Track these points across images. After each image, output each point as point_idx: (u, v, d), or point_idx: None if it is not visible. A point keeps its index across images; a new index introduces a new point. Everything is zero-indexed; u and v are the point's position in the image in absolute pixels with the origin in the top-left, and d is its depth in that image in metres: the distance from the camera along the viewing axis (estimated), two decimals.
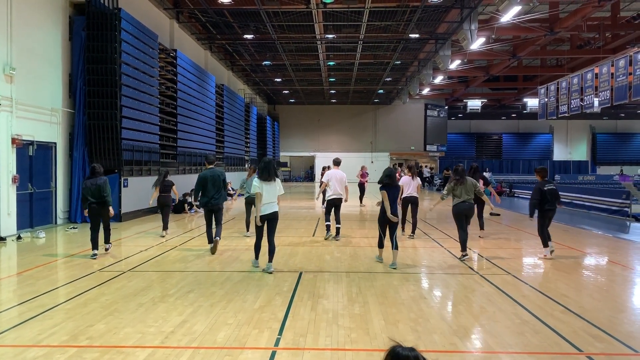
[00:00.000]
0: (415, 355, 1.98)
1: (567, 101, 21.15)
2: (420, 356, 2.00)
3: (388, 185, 8.32)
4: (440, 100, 45.19)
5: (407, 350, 2.00)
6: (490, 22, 20.62)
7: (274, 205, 7.77)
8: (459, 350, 4.65)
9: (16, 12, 11.52)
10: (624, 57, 16.54)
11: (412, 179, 11.21)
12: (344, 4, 18.68)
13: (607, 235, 12.38)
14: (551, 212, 9.11)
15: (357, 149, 45.21)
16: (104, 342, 4.73)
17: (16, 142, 11.48)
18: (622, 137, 51.34)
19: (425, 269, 8.33)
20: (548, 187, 9.01)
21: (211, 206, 9.32)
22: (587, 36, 24.49)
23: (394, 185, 8.39)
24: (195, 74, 21.68)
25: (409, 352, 2.00)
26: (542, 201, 8.99)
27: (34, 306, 5.90)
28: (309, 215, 16.36)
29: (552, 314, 5.68)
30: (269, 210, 7.71)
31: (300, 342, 4.78)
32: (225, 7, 19.53)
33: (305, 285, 6.93)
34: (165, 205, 11.79)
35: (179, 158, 19.81)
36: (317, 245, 10.40)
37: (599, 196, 17.68)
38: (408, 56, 28.37)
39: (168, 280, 7.22)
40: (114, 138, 14.04)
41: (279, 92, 41.01)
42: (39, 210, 12.86)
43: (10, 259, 9.13)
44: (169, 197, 11.85)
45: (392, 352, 2.02)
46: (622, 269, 8.42)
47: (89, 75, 13.87)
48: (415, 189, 11.22)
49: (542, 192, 8.98)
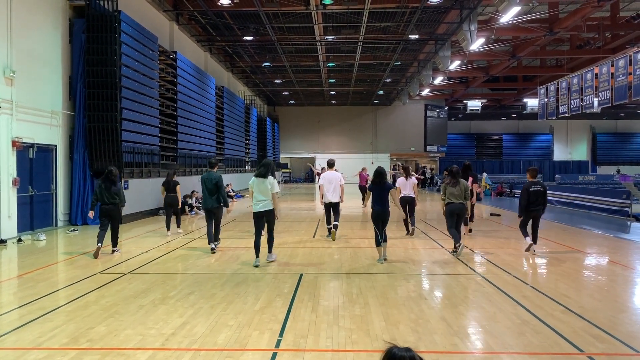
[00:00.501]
0: (412, 356, 1.98)
1: (567, 101, 21.15)
2: (417, 356, 1.99)
3: (376, 184, 8.67)
4: (440, 101, 45.20)
5: (403, 351, 2.00)
6: (489, 22, 20.63)
7: (267, 204, 8.14)
8: (460, 351, 4.64)
9: (16, 14, 11.53)
10: (624, 57, 16.54)
11: (406, 180, 11.52)
12: (343, 5, 18.70)
13: (607, 235, 12.37)
14: (535, 212, 9.32)
15: (357, 150, 45.22)
16: (105, 345, 4.73)
17: (16, 145, 11.49)
18: (622, 137, 51.35)
19: (425, 270, 8.33)
20: (534, 189, 9.28)
21: (207, 209, 9.67)
22: (587, 36, 24.51)
23: (381, 184, 8.66)
24: (195, 76, 21.70)
25: (405, 353, 1.99)
26: (528, 201, 9.25)
27: (34, 309, 5.90)
28: (309, 217, 16.36)
29: (552, 314, 5.68)
30: (262, 208, 8.13)
31: (301, 343, 4.78)
32: (225, 9, 19.56)
33: (306, 287, 6.93)
34: (170, 205, 12.01)
35: (179, 160, 19.82)
36: (318, 247, 10.39)
37: (599, 196, 17.68)
38: (408, 57, 28.38)
39: (168, 282, 7.22)
40: (114, 140, 14.05)
41: (278, 93, 41.03)
42: (40, 212, 12.86)
43: (11, 262, 9.13)
44: (175, 196, 11.97)
45: (388, 353, 2.02)
46: (623, 268, 8.41)
47: (89, 78, 13.88)
48: (410, 189, 11.51)
49: (528, 193, 9.25)
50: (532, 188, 9.27)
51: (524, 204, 9.32)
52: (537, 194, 9.26)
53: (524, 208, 9.34)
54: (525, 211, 9.33)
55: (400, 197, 11.35)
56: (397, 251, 9.81)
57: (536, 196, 9.24)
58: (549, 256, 9.47)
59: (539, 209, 9.31)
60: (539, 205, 9.28)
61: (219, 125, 26.33)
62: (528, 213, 9.34)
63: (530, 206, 9.26)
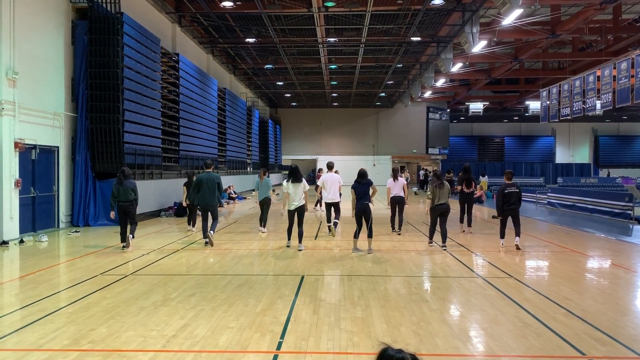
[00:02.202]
0: (402, 357, 1.97)
1: (569, 104, 21.11)
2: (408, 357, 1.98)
3: (358, 183, 9.69)
4: (442, 103, 45.17)
5: (394, 352, 1.99)
6: (491, 25, 20.62)
7: (301, 200, 9.94)
8: (461, 354, 4.63)
9: (19, 16, 11.56)
10: (626, 60, 16.52)
11: (394, 181, 12.12)
12: (345, 7, 18.72)
13: (609, 238, 12.35)
14: (510, 211, 10.12)
15: (359, 152, 45.20)
16: (106, 346, 4.73)
17: (19, 146, 11.51)
18: (625, 139, 51.26)
19: (426, 272, 8.33)
20: (509, 190, 10.10)
21: (206, 206, 10.51)
22: (589, 39, 24.50)
23: (363, 183, 9.65)
24: (198, 78, 21.73)
25: (395, 354, 1.98)
26: (504, 202, 10.09)
27: (35, 310, 5.90)
28: (310, 219, 16.36)
29: (554, 317, 5.66)
30: (297, 205, 9.91)
31: (302, 345, 4.77)
32: (227, 11, 19.59)
33: (307, 289, 6.93)
34: (192, 205, 12.63)
35: (181, 162, 19.85)
36: (319, 249, 10.40)
37: (601, 199, 17.64)
38: (410, 59, 28.39)
39: (170, 284, 7.22)
40: (117, 142, 14.06)
41: (280, 95, 41.07)
42: (42, 214, 12.88)
43: (13, 263, 9.14)
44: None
45: (382, 353, 2.01)
46: (625, 271, 8.39)
47: (92, 79, 13.91)
48: (400, 189, 12.14)
49: (504, 194, 10.09)
50: (507, 190, 10.09)
51: (500, 205, 10.16)
52: (512, 195, 10.06)
53: (501, 208, 10.16)
54: (503, 210, 10.15)
55: (391, 197, 12.19)
56: (399, 253, 9.81)
57: (511, 197, 10.05)
58: (551, 259, 9.46)
59: (514, 208, 10.09)
60: (513, 205, 10.06)
61: (221, 127, 26.35)
62: (505, 212, 10.16)
63: (505, 206, 10.07)
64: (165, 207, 17.46)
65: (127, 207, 9.95)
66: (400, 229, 12.59)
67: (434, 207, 10.25)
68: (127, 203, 9.94)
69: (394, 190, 12.13)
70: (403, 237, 12.09)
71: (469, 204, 12.78)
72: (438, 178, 10.34)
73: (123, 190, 9.87)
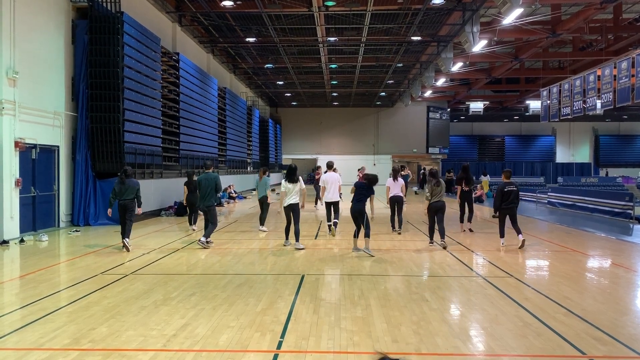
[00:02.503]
0: None
1: (569, 103, 21.11)
2: None
3: (363, 185, 9.85)
4: (443, 102, 45.18)
5: None
6: (492, 24, 20.62)
7: (295, 198, 10.18)
8: (461, 353, 4.63)
9: (19, 16, 11.56)
10: (627, 59, 16.51)
11: (394, 181, 12.31)
12: (345, 7, 18.71)
13: (610, 237, 12.34)
14: (508, 209, 10.22)
15: (359, 151, 45.21)
16: (106, 345, 4.74)
17: (19, 146, 11.51)
18: (625, 139, 51.23)
19: (427, 272, 8.33)
20: (508, 189, 10.17)
21: (203, 206, 10.53)
22: (590, 38, 24.48)
23: (367, 187, 9.76)
24: (198, 77, 21.73)
25: None
26: (502, 200, 10.18)
27: (36, 309, 5.90)
28: (310, 218, 16.35)
29: (554, 316, 5.66)
30: (291, 202, 10.14)
31: (302, 345, 4.77)
32: (227, 11, 19.59)
33: (308, 288, 6.93)
34: (192, 204, 12.95)
35: (182, 161, 19.84)
36: (319, 248, 10.40)
37: (602, 198, 17.63)
38: (410, 59, 28.39)
39: (170, 283, 7.22)
40: (117, 141, 14.06)
41: (281, 95, 41.07)
42: (42, 213, 12.88)
43: (13, 262, 9.15)
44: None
45: None
46: (625, 271, 8.39)
47: (92, 79, 13.91)
48: (399, 189, 12.31)
49: (502, 193, 10.16)
50: (506, 188, 10.18)
51: (498, 203, 10.27)
52: (510, 193, 10.16)
53: (498, 206, 10.27)
54: (501, 209, 10.24)
55: (390, 197, 12.34)
56: (399, 253, 9.81)
57: (509, 195, 10.15)
58: (551, 258, 9.46)
59: (512, 207, 10.20)
60: (511, 203, 10.17)
61: (221, 126, 26.34)
62: (503, 211, 10.25)
63: (504, 204, 10.17)
64: (166, 206, 17.47)
65: (127, 205, 10.00)
66: (400, 228, 12.65)
67: (430, 206, 10.46)
68: (128, 200, 10.02)
69: (393, 190, 12.29)
70: (403, 236, 12.10)
71: (469, 202, 12.92)
72: (434, 176, 10.60)
73: (125, 189, 9.92)
